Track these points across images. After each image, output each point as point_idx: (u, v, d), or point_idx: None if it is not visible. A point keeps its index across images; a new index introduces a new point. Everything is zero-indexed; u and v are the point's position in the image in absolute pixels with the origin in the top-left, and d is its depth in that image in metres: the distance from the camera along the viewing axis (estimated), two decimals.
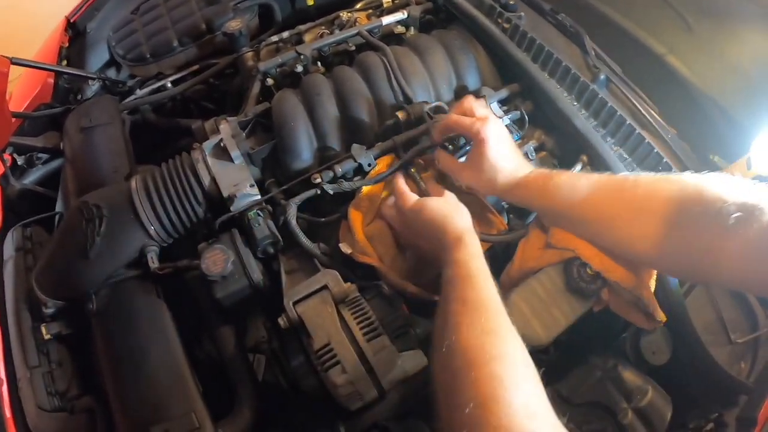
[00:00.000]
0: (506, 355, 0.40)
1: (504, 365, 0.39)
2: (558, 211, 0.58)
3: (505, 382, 0.37)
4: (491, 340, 0.41)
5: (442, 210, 0.56)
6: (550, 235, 0.60)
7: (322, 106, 0.75)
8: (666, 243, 0.48)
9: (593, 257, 0.58)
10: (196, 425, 0.59)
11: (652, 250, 0.50)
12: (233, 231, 0.69)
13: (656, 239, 0.49)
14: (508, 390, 0.37)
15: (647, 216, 0.50)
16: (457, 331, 0.43)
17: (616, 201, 0.53)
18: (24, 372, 0.67)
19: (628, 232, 0.52)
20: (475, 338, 0.41)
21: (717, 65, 0.94)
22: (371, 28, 0.88)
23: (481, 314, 0.44)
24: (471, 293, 0.46)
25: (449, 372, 0.41)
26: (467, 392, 0.37)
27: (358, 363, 0.57)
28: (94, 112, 0.88)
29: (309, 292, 0.61)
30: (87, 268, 0.67)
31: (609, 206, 0.54)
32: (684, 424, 0.69)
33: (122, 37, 1.04)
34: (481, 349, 0.40)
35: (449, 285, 0.48)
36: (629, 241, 0.53)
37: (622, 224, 0.53)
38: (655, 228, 0.49)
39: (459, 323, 0.43)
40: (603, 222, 0.54)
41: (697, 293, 0.73)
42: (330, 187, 0.69)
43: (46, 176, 0.92)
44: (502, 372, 0.38)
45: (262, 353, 0.69)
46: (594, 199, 0.55)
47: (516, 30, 0.84)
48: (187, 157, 0.73)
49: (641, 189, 0.52)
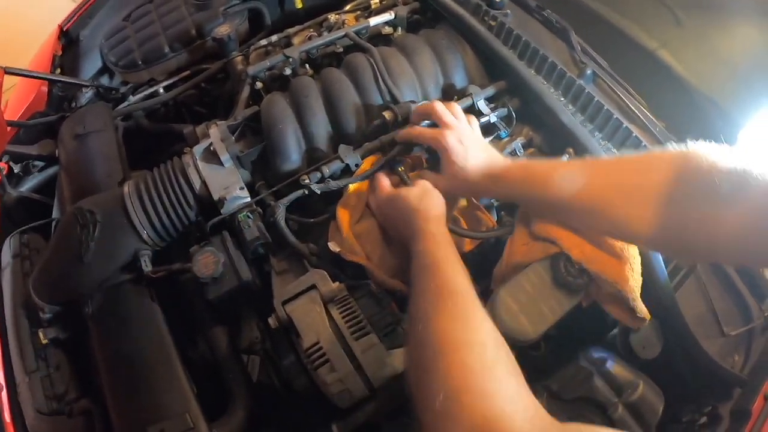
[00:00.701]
0: (476, 342, 0.39)
1: (474, 351, 0.37)
2: (542, 203, 0.57)
3: (475, 369, 0.36)
4: (459, 327, 0.40)
5: (411, 200, 0.56)
6: (532, 226, 0.61)
7: (310, 109, 0.76)
8: (662, 221, 0.47)
9: (573, 247, 0.58)
10: (191, 425, 0.60)
11: (648, 230, 0.48)
12: (224, 233, 0.70)
13: (652, 218, 0.47)
14: (479, 377, 0.36)
15: (640, 196, 0.48)
16: (424, 321, 0.41)
17: (606, 185, 0.52)
18: (23, 376, 0.68)
19: (623, 215, 0.50)
20: (442, 327, 0.40)
21: (707, 59, 0.94)
22: (359, 30, 0.89)
23: (447, 301, 0.42)
24: (436, 281, 0.45)
25: (419, 364, 0.39)
26: (437, 383, 0.36)
27: (347, 361, 0.58)
28: (87, 119, 0.89)
29: (298, 291, 0.62)
30: (82, 273, 0.68)
31: (599, 192, 0.52)
32: (677, 417, 0.69)
33: (114, 44, 1.05)
34: (449, 336, 0.39)
35: (415, 276, 0.47)
36: (625, 224, 0.51)
37: (615, 208, 0.51)
38: (650, 207, 0.47)
39: (425, 312, 0.42)
40: (595, 208, 0.53)
41: (688, 286, 0.73)
42: (317, 187, 0.70)
43: (42, 183, 0.93)
44: (472, 359, 0.37)
45: (256, 354, 0.70)
46: (581, 186, 0.53)
47: (502, 27, 0.84)
48: (178, 162, 0.74)
49: (630, 170, 0.50)
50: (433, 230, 0.52)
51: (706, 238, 0.44)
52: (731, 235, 0.41)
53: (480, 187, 0.59)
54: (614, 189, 0.51)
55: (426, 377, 0.38)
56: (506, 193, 0.59)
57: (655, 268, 0.67)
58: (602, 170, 0.53)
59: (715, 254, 0.47)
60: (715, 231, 0.42)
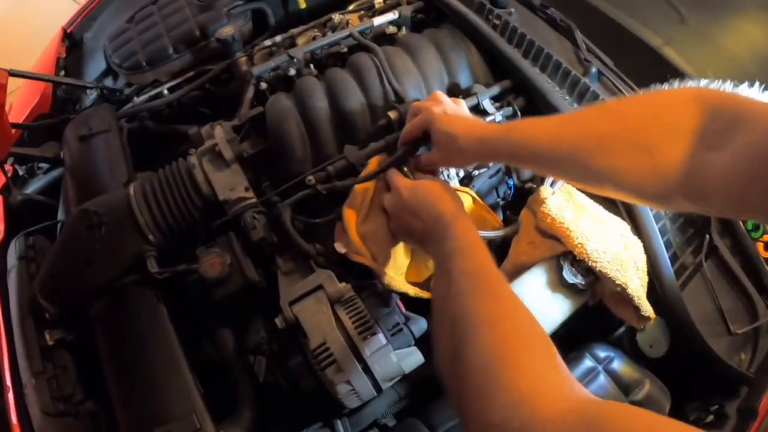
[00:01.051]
0: (511, 317, 0.39)
1: (510, 326, 0.38)
2: (528, 154, 0.55)
3: (511, 342, 0.36)
4: (497, 304, 0.40)
5: (437, 188, 0.57)
6: (538, 220, 0.61)
7: (315, 109, 0.76)
8: (659, 170, 0.44)
9: (578, 246, 0.58)
10: (197, 426, 0.60)
11: (635, 178, 0.46)
12: (230, 234, 0.70)
13: (640, 166, 0.45)
14: (517, 349, 0.36)
15: (626, 142, 0.46)
16: (461, 299, 0.42)
17: (599, 135, 0.49)
18: (29, 378, 0.68)
19: (619, 165, 0.47)
20: (478, 303, 0.40)
21: (711, 56, 0.94)
22: (363, 29, 0.88)
23: (482, 281, 0.43)
24: (472, 262, 0.45)
25: (455, 339, 0.39)
26: (473, 358, 0.36)
27: (354, 362, 0.58)
28: (92, 121, 0.89)
29: (304, 292, 0.62)
30: (88, 274, 0.68)
31: (588, 140, 0.49)
32: (684, 416, 0.69)
33: (118, 45, 1.06)
34: (486, 312, 0.39)
35: (449, 258, 0.47)
36: (611, 172, 0.48)
37: (610, 158, 0.47)
38: (637, 152, 0.45)
39: (461, 291, 0.42)
40: (584, 154, 0.49)
41: (694, 284, 0.73)
42: (323, 187, 0.70)
43: (47, 185, 0.94)
44: (508, 333, 0.37)
45: (262, 354, 0.70)
46: (563, 133, 0.51)
47: (506, 26, 0.84)
48: (183, 163, 0.74)
49: (624, 116, 0.47)
50: (463, 216, 0.53)
51: (694, 182, 0.41)
52: (720, 180, 0.39)
53: (469, 151, 0.59)
54: (607, 140, 0.48)
55: (462, 352, 0.37)
56: (494, 152, 0.58)
57: (661, 267, 0.67)
58: (591, 117, 0.51)
59: (710, 206, 0.45)
60: (703, 174, 0.40)
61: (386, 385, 0.60)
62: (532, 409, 0.32)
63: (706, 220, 0.75)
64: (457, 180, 0.75)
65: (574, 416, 0.31)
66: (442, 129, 0.60)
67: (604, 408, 0.33)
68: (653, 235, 0.67)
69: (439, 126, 0.60)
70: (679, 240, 0.73)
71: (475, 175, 0.76)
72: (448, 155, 0.62)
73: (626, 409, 0.33)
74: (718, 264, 0.76)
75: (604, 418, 0.31)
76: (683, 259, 0.72)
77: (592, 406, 0.33)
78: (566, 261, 0.62)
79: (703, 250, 0.72)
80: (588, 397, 0.34)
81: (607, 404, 0.34)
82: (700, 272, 0.74)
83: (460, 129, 0.59)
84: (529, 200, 0.67)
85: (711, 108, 0.41)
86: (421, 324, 0.64)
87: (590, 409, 0.32)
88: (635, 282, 0.62)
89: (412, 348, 0.61)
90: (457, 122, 0.61)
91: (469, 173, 0.77)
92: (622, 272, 0.60)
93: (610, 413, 0.31)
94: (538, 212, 0.63)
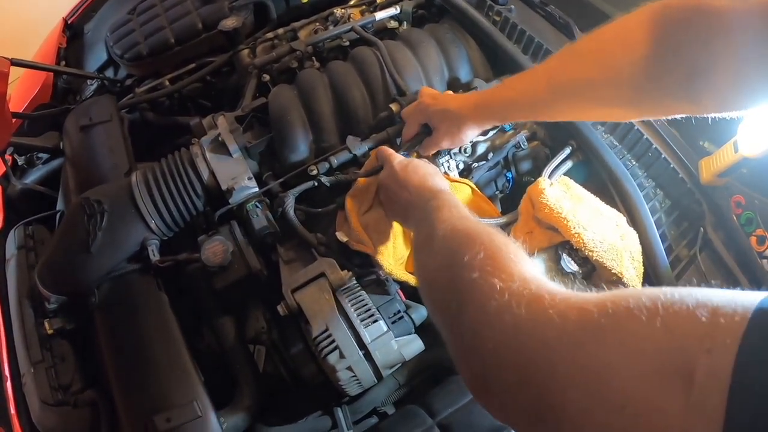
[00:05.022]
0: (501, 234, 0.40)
1: (501, 236, 0.39)
2: (522, 103, 0.58)
3: (508, 245, 0.37)
4: (490, 228, 0.41)
5: (429, 167, 0.60)
6: (536, 210, 0.62)
7: (318, 100, 0.76)
8: (650, 72, 0.46)
9: (575, 236, 0.59)
10: (198, 414, 0.60)
11: (639, 79, 0.47)
12: (232, 223, 0.70)
13: (640, 67, 0.46)
14: (512, 246, 0.37)
15: (623, 50, 0.47)
16: (450, 224, 0.42)
17: (582, 60, 0.51)
18: (28, 367, 0.68)
19: (606, 77, 0.49)
20: (472, 223, 0.42)
21: None
22: (365, 24, 0.89)
23: (466, 220, 0.44)
24: (456, 212, 0.46)
25: (450, 247, 0.40)
26: (475, 246, 0.37)
27: (355, 348, 0.59)
28: (93, 111, 0.89)
29: (307, 279, 0.63)
30: (89, 263, 0.68)
31: (577, 68, 0.51)
32: None
33: (120, 36, 1.05)
34: (480, 227, 0.41)
35: (433, 211, 0.47)
36: (614, 74, 0.49)
37: (599, 68, 0.49)
38: (637, 59, 0.46)
39: (447, 219, 0.44)
40: (578, 85, 0.52)
41: (688, 276, 0.74)
42: (326, 178, 0.70)
43: (46, 176, 0.93)
44: (501, 239, 0.38)
45: (262, 344, 0.71)
46: (556, 69, 0.53)
47: (506, 22, 0.85)
48: (186, 152, 0.75)
49: (604, 32, 0.49)
50: (450, 193, 0.54)
51: (700, 84, 0.44)
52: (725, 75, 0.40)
53: (468, 120, 0.62)
54: (591, 59, 0.50)
55: (462, 247, 0.38)
56: (491, 114, 0.61)
57: (656, 257, 0.68)
58: (570, 52, 0.53)
59: (704, 103, 0.46)
60: (708, 74, 0.42)
61: (387, 372, 0.61)
62: (538, 287, 0.32)
63: (701, 214, 0.77)
64: (456, 172, 0.77)
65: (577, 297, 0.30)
66: (438, 108, 0.62)
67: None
68: (648, 226, 0.69)
69: (434, 108, 0.63)
70: (674, 233, 0.74)
71: (474, 167, 0.77)
72: (449, 131, 0.64)
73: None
74: (712, 257, 0.78)
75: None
76: (678, 252, 0.73)
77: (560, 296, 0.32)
78: (564, 250, 0.63)
79: (698, 242, 0.73)
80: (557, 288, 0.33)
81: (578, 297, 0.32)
82: (694, 264, 0.75)
83: (453, 103, 0.62)
84: (528, 191, 0.68)
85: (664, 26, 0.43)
86: (421, 312, 0.64)
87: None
88: (631, 272, 0.63)
89: (412, 335, 0.62)
90: (450, 98, 0.64)
91: (469, 165, 0.78)
92: (618, 262, 0.62)
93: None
94: (537, 202, 0.64)
